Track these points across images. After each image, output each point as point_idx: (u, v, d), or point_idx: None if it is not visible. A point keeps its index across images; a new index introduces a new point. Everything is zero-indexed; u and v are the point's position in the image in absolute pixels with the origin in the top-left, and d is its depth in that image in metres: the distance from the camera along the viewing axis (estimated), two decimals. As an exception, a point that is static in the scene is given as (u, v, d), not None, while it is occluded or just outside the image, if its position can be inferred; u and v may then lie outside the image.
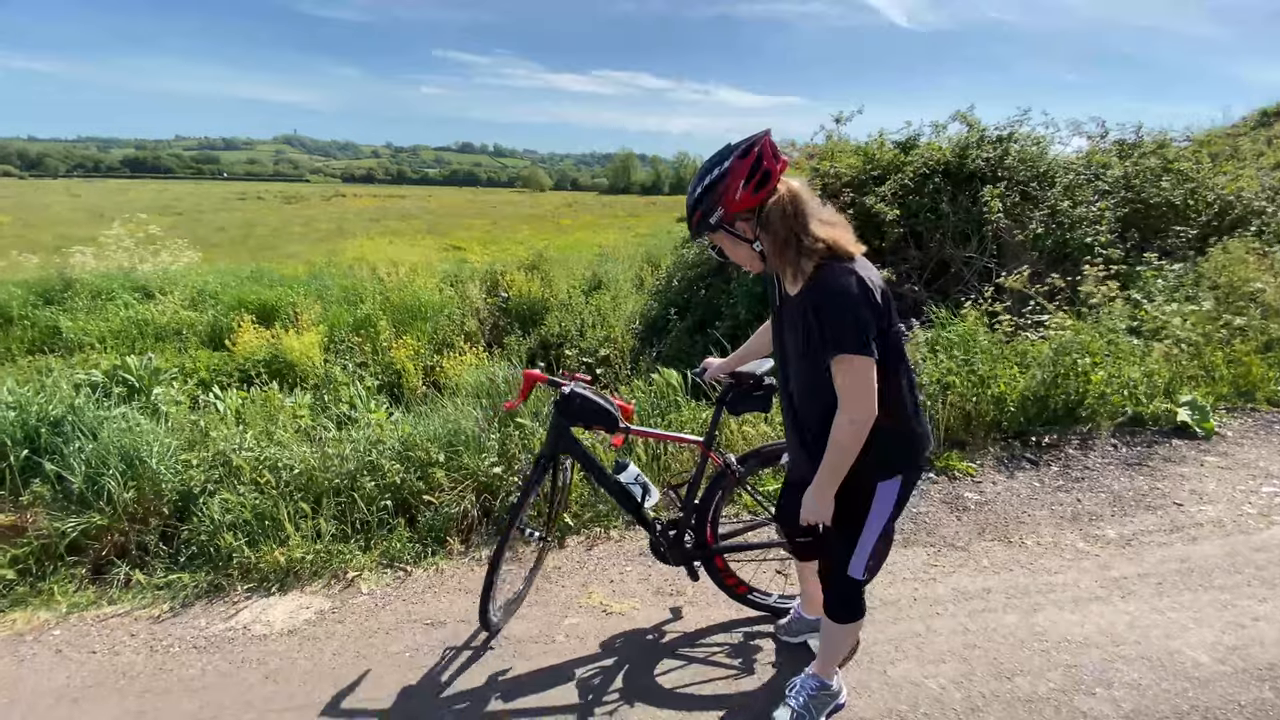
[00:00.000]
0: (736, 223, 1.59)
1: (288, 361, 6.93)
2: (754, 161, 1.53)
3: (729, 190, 1.54)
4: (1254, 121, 12.73)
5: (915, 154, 7.10)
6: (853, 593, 1.85)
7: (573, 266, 10.97)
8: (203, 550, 2.91)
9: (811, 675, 2.01)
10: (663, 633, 2.46)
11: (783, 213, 1.54)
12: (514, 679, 2.23)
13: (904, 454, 1.68)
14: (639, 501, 2.25)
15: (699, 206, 1.60)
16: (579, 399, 2.17)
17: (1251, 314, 5.21)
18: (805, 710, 1.96)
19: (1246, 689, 2.09)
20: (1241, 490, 3.52)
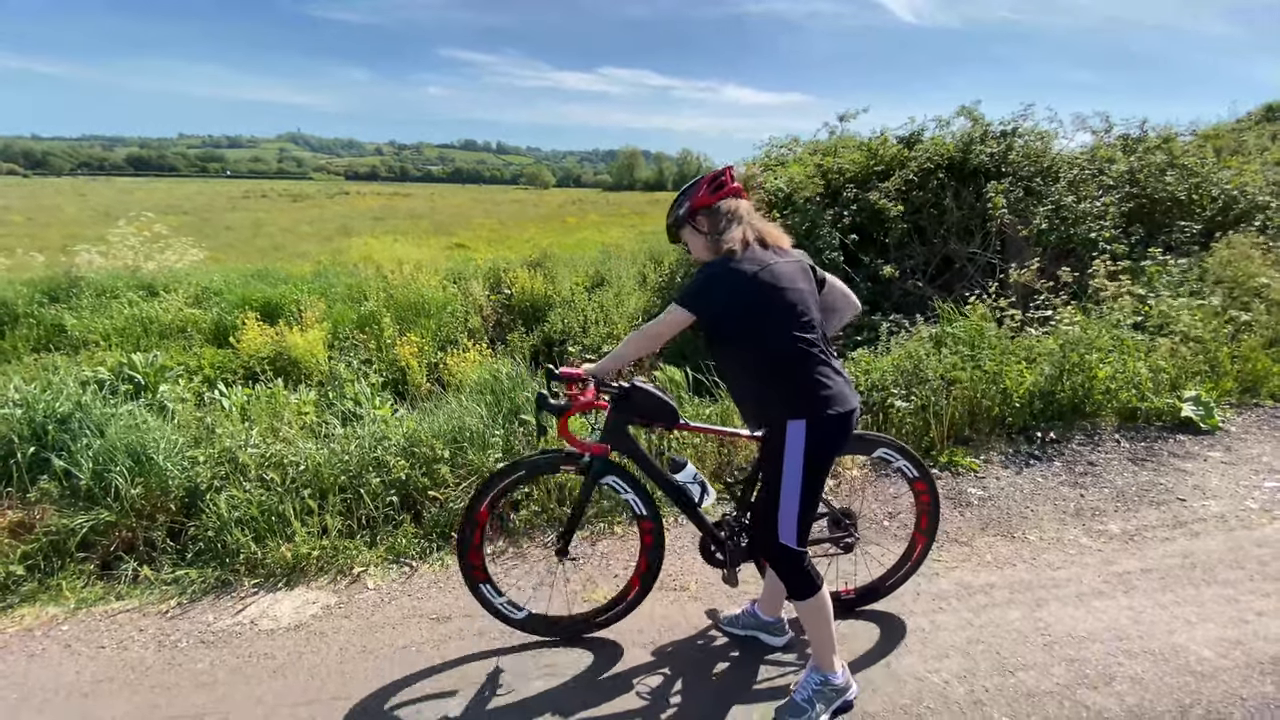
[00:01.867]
0: (698, 216, 2.01)
1: (292, 359, 6.96)
2: (715, 175, 2.03)
3: (696, 191, 2.03)
4: (1259, 116, 12.66)
5: (919, 149, 7.08)
6: (794, 562, 1.95)
7: (576, 264, 10.97)
8: (210, 546, 2.93)
9: (813, 670, 2.03)
10: (669, 628, 2.47)
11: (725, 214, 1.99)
12: (520, 673, 2.25)
13: (807, 401, 1.88)
14: (696, 501, 2.24)
15: (675, 209, 2.07)
16: (641, 394, 2.14)
17: (1257, 309, 5.20)
18: (809, 704, 1.97)
19: (1249, 683, 2.10)
20: (1245, 485, 3.52)
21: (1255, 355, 4.75)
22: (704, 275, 1.90)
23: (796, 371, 1.87)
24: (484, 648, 2.36)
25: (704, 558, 2.39)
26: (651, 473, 2.23)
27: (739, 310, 1.87)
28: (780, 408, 1.89)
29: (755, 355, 1.90)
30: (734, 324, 1.89)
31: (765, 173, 7.85)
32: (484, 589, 2.28)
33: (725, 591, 2.65)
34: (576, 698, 2.13)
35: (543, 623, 2.37)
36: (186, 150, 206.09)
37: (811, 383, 1.88)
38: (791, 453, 1.87)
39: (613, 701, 2.11)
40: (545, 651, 2.35)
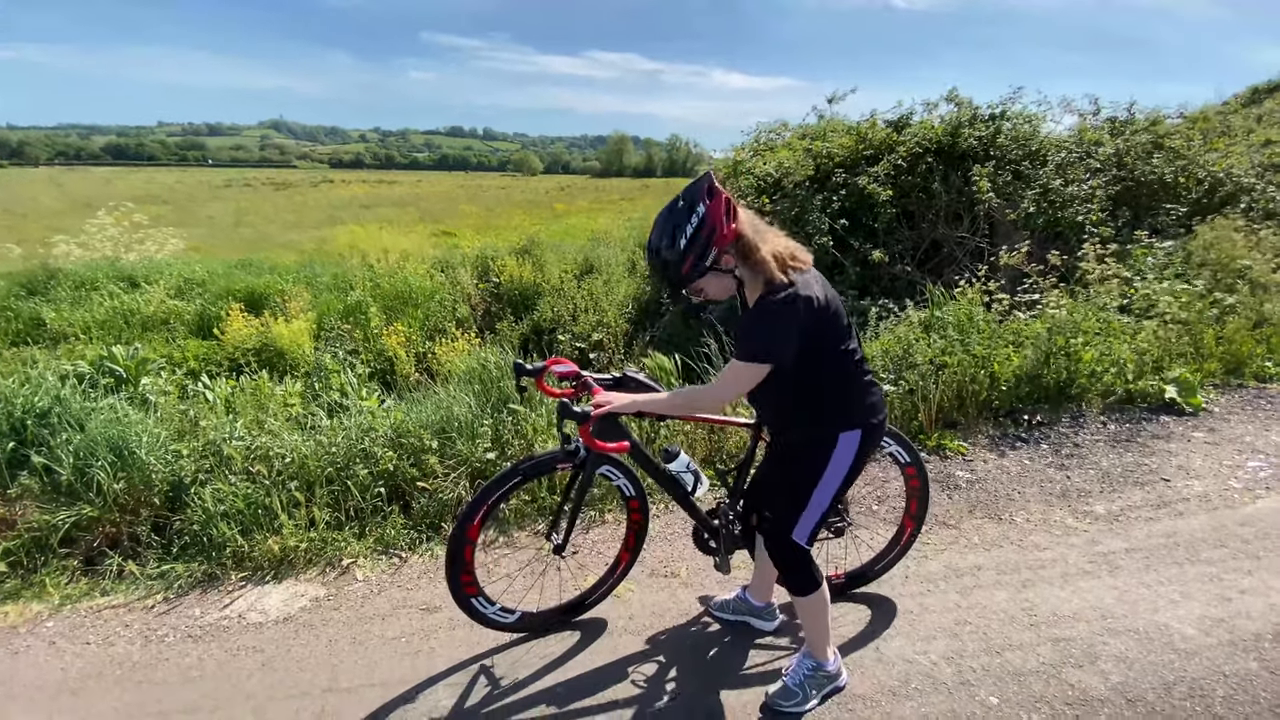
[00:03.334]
0: (723, 257, 1.72)
1: (278, 350, 6.89)
2: (724, 200, 1.69)
3: (717, 229, 1.68)
4: (1245, 99, 12.73)
5: (908, 133, 7.07)
6: (801, 560, 1.92)
7: (565, 251, 10.90)
8: (196, 540, 2.90)
9: (806, 655, 2.04)
10: (660, 615, 2.48)
11: (754, 232, 1.73)
12: (511, 663, 2.24)
13: (866, 409, 1.85)
14: (689, 490, 2.23)
15: (689, 253, 1.70)
16: (633, 384, 2.12)
17: (1241, 291, 5.24)
18: (799, 689, 1.98)
19: (1232, 660, 2.13)
20: (1228, 465, 3.56)
21: (1240, 337, 4.80)
22: (770, 320, 1.68)
23: (850, 385, 1.83)
24: (475, 637, 2.35)
25: (697, 545, 2.39)
26: (645, 463, 2.21)
27: (801, 342, 1.71)
28: (834, 420, 1.84)
29: (811, 376, 1.78)
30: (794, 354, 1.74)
31: (754, 158, 7.81)
32: (475, 602, 2.21)
33: (716, 578, 2.66)
34: (570, 685, 2.13)
35: (536, 620, 2.36)
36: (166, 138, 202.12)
37: (861, 393, 1.85)
38: (839, 462, 1.84)
39: (606, 689, 2.11)
40: (537, 641, 2.34)
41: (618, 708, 2.03)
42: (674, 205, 1.73)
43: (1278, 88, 12.29)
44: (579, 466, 2.15)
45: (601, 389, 2.01)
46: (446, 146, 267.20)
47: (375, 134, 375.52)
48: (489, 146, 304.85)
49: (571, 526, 2.27)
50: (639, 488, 2.31)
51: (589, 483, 2.19)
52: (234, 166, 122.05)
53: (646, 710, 2.01)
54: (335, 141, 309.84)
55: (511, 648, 2.31)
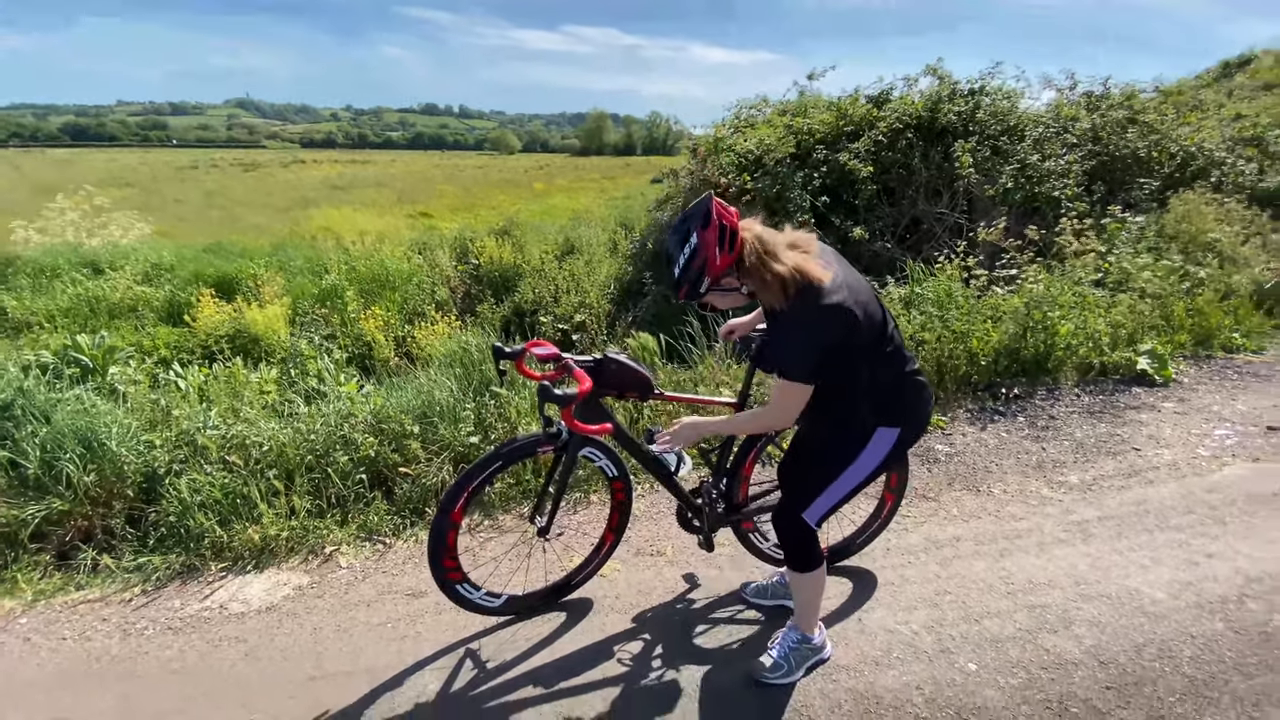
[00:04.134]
0: (722, 280, 1.73)
1: (252, 336, 6.75)
2: (718, 228, 1.66)
3: (709, 261, 1.68)
4: (1216, 73, 12.87)
5: (888, 109, 7.04)
6: (805, 537, 1.92)
7: (545, 232, 10.77)
8: (172, 531, 2.85)
9: (792, 628, 2.07)
10: (646, 593, 2.49)
11: (757, 256, 1.68)
12: (498, 645, 2.25)
13: (906, 409, 1.83)
14: (672, 470, 2.22)
15: (683, 282, 1.74)
16: (615, 364, 2.08)
17: (1210, 264, 5.35)
18: (785, 661, 2.01)
19: (1199, 622, 2.20)
20: (1195, 434, 3.66)
21: (1209, 309, 4.90)
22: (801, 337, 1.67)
23: (890, 384, 1.79)
24: (461, 621, 2.35)
25: (681, 525, 2.40)
26: (628, 445, 2.20)
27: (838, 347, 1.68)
28: (874, 416, 1.81)
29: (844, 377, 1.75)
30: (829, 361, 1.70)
31: (735, 135, 7.74)
32: (460, 589, 2.20)
33: (701, 556, 2.68)
34: (557, 666, 2.14)
35: (522, 602, 2.36)
36: (127, 118, 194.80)
37: (903, 392, 1.82)
38: (871, 454, 1.83)
39: (594, 668, 2.12)
40: (524, 622, 2.35)
41: (606, 686, 2.05)
42: (676, 228, 1.74)
43: (1247, 62, 12.44)
44: (561, 449, 2.13)
45: (583, 370, 1.99)
46: (421, 125, 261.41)
47: (347, 112, 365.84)
48: (465, 125, 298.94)
49: (555, 509, 2.26)
50: (622, 468, 2.30)
51: (571, 465, 2.18)
52: (200, 147, 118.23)
53: (634, 689, 2.03)
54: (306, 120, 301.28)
55: (498, 630, 2.31)
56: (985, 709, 1.90)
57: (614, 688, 2.04)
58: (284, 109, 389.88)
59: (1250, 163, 6.69)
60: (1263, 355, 4.65)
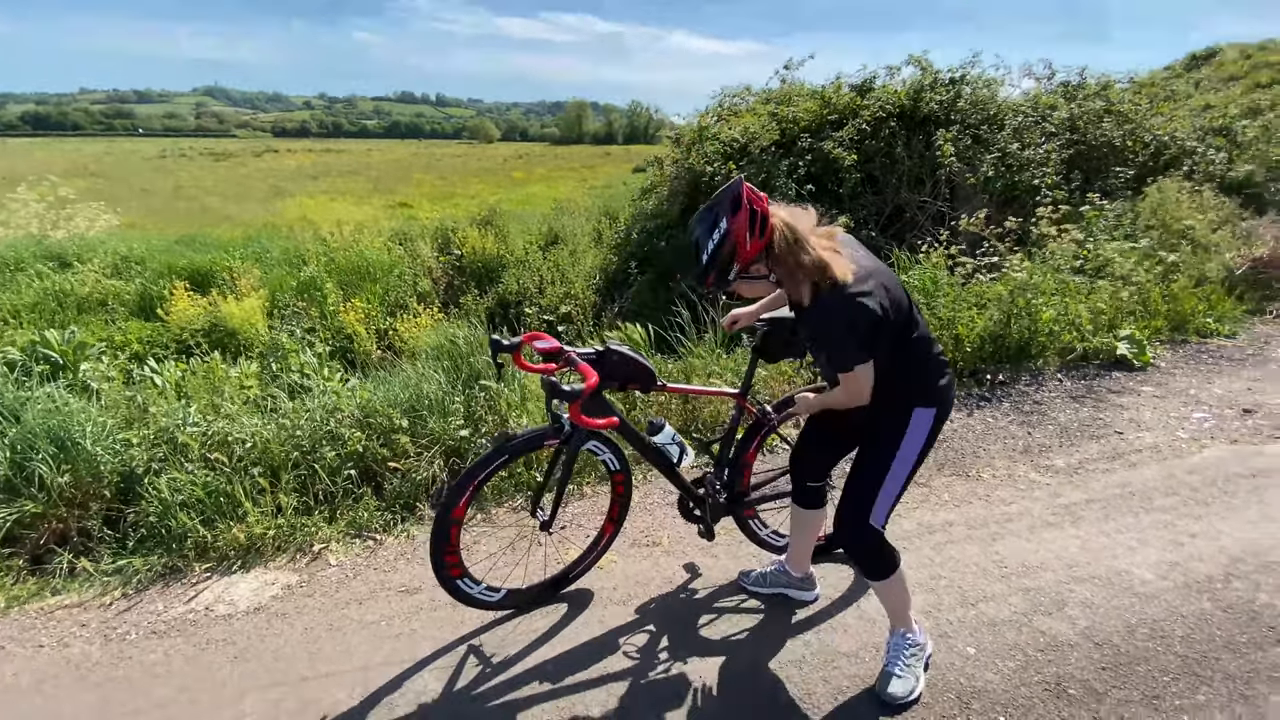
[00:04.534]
0: (751, 267, 1.72)
1: (228, 330, 6.58)
2: (749, 213, 1.64)
3: (738, 246, 1.66)
4: (1185, 64, 13.13)
5: (871, 97, 7.06)
6: (877, 542, 1.88)
7: (528, 221, 10.65)
8: (153, 532, 2.76)
9: (895, 634, 1.98)
10: (645, 584, 2.48)
11: (786, 244, 1.67)
12: (499, 641, 2.22)
13: (938, 388, 1.83)
14: (675, 461, 2.19)
15: (711, 269, 1.70)
16: (617, 356, 2.04)
17: (1184, 250, 5.46)
18: (907, 672, 1.93)
19: (1188, 601, 2.25)
20: (1175, 417, 3.74)
21: (1183, 295, 5.01)
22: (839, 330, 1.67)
23: (921, 367, 1.80)
24: (459, 617, 2.32)
25: (682, 515, 2.39)
26: (631, 437, 2.17)
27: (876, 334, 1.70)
28: (909, 397, 1.81)
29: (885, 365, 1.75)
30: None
31: (719, 123, 7.70)
32: (460, 584, 2.18)
33: (699, 545, 2.67)
34: (560, 661, 2.12)
35: (522, 596, 2.34)
36: (90, 106, 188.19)
37: (934, 373, 1.82)
38: (913, 438, 1.81)
39: (598, 662, 2.10)
40: (523, 617, 2.32)
41: (611, 681, 2.03)
42: (703, 213, 1.70)
43: (1213, 54, 12.69)
44: (564, 442, 2.10)
45: (587, 364, 1.95)
46: (397, 113, 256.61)
47: (321, 101, 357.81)
48: (442, 113, 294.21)
49: (559, 503, 2.23)
50: (623, 461, 2.28)
51: (574, 458, 2.15)
52: (167, 136, 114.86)
53: (640, 682, 2.02)
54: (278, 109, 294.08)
55: (497, 626, 2.28)
56: (985, 692, 1.92)
57: (620, 683, 2.02)
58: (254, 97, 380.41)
59: (1220, 152, 6.83)
60: (1235, 340, 4.77)
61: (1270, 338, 4.79)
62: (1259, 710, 1.82)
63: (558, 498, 2.23)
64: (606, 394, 2.17)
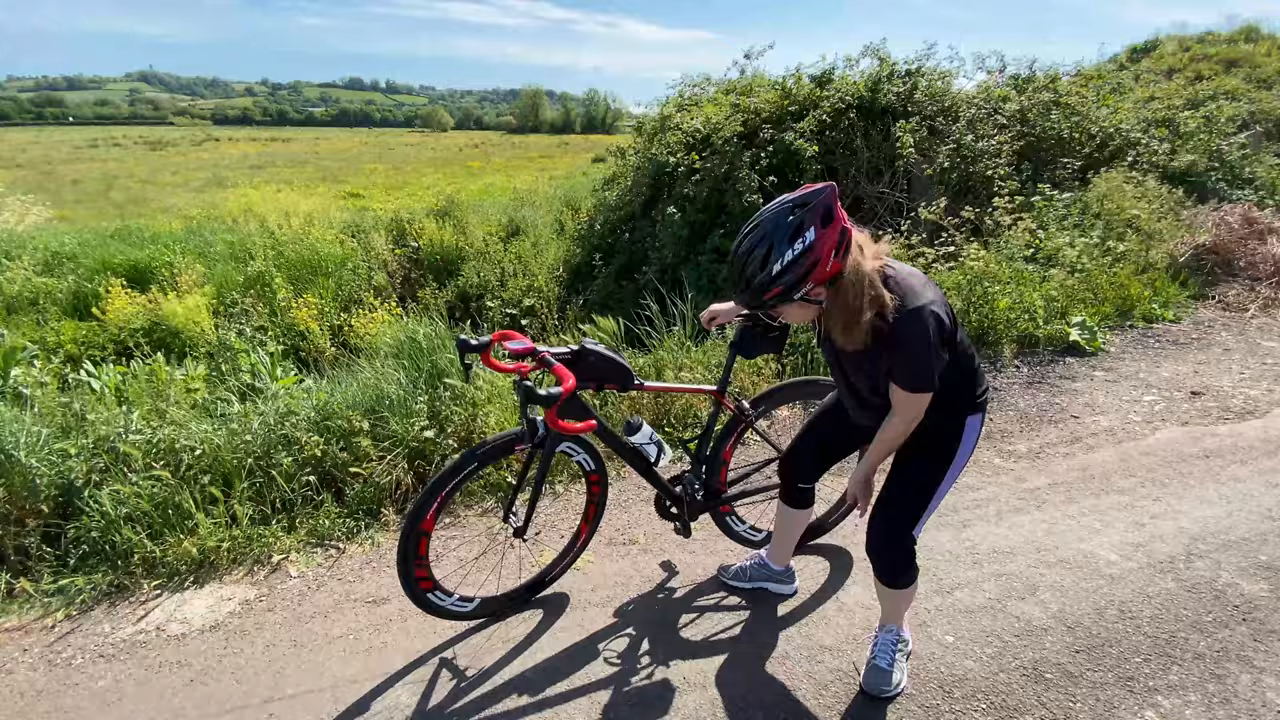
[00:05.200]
0: (815, 290, 1.53)
1: (171, 329, 6.25)
2: (840, 231, 1.47)
3: (820, 264, 1.47)
4: (1125, 58, 13.65)
5: (831, 88, 7.10)
6: (910, 556, 1.84)
7: (487, 212, 10.41)
8: (96, 549, 2.58)
9: (888, 630, 1.97)
10: (624, 584, 2.43)
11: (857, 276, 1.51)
12: (474, 651, 2.14)
13: (981, 393, 1.78)
14: (652, 461, 2.13)
15: (777, 282, 1.49)
16: (593, 356, 1.97)
17: (1130, 239, 5.67)
18: (894, 668, 1.93)
19: (1153, 581, 2.33)
20: (1127, 400, 3.88)
21: (1130, 282, 5.20)
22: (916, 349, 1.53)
23: (972, 372, 1.75)
24: (431, 627, 2.23)
25: (659, 513, 2.35)
26: (608, 439, 2.11)
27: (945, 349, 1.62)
28: (961, 405, 1.74)
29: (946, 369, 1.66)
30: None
31: (680, 113, 7.65)
32: (432, 597, 2.09)
33: (676, 541, 2.64)
34: (540, 669, 2.05)
35: (497, 603, 2.26)
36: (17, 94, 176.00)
37: (980, 375, 1.77)
38: (965, 447, 1.76)
39: (579, 670, 2.05)
40: (500, 624, 2.24)
41: (594, 690, 1.97)
42: (780, 214, 1.49)
43: (1154, 47, 13.24)
44: (538, 446, 2.03)
45: (561, 364, 1.88)
46: (346, 100, 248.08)
47: (264, 87, 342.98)
48: (393, 100, 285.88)
49: (533, 509, 2.15)
50: (598, 461, 2.22)
51: (550, 462, 2.08)
52: (100, 124, 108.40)
53: (623, 689, 1.97)
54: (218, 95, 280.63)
55: (472, 635, 2.20)
56: (966, 680, 1.95)
57: (603, 690, 1.97)
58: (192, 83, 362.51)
59: (1163, 143, 7.11)
60: (1180, 324, 4.98)
61: (1213, 322, 5.02)
62: (1231, 688, 1.89)
63: (532, 504, 2.15)
64: (583, 395, 2.11)
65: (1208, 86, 9.87)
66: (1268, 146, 8.07)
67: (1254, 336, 4.77)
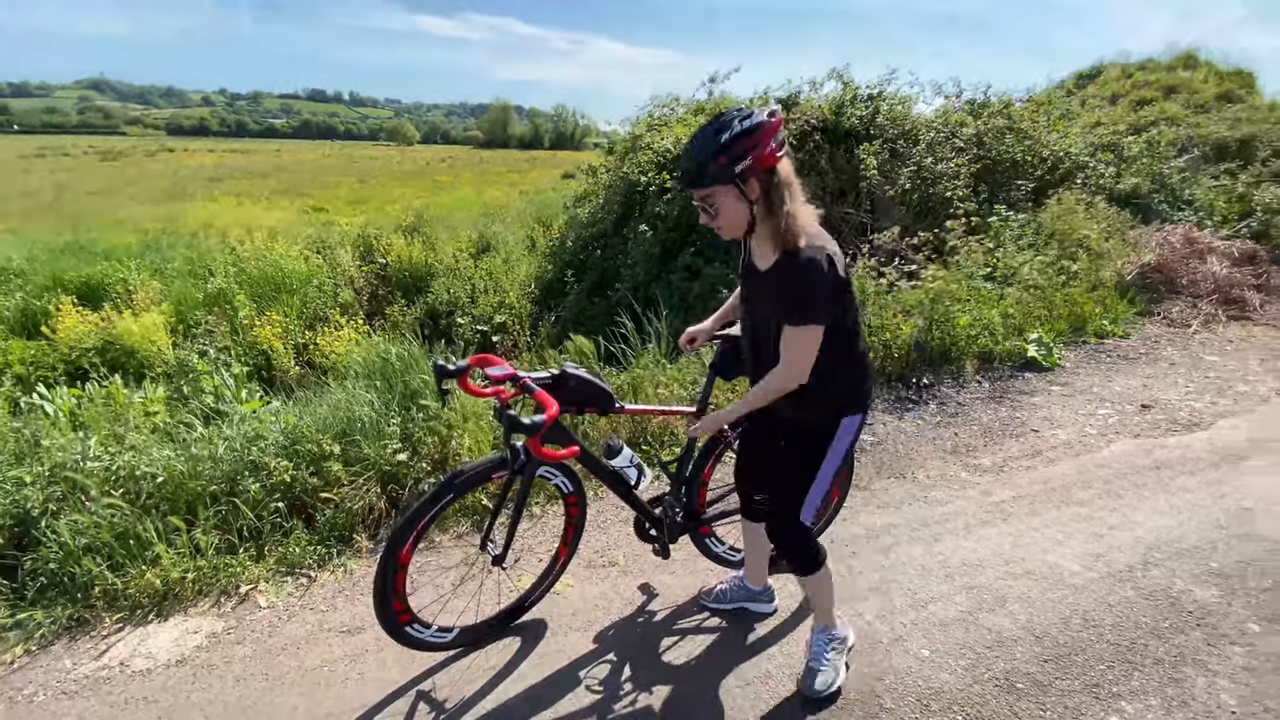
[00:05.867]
0: (751, 179, 1.60)
1: (126, 348, 6.02)
2: (780, 126, 1.60)
3: (763, 142, 1.57)
4: (1072, 84, 14.35)
5: (796, 111, 7.29)
6: (806, 539, 1.93)
7: (457, 228, 10.34)
8: (54, 581, 2.47)
9: (820, 630, 2.06)
10: (604, 607, 2.43)
11: (784, 186, 1.63)
12: (454, 681, 2.11)
13: (864, 392, 1.86)
14: (633, 484, 2.14)
15: (725, 151, 1.57)
16: (574, 380, 1.97)
17: (1082, 259, 5.94)
18: (829, 667, 2.01)
19: (1113, 590, 2.43)
20: (1083, 414, 4.04)
21: (1081, 299, 5.44)
22: (808, 277, 1.61)
23: (856, 368, 1.81)
24: (408, 657, 2.18)
25: (638, 535, 2.36)
26: (589, 463, 2.11)
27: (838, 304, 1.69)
28: (839, 403, 1.82)
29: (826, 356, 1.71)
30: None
31: (650, 133, 7.75)
32: (410, 630, 2.06)
33: (655, 563, 2.65)
34: (522, 698, 2.03)
35: (475, 632, 2.23)
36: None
37: (864, 376, 1.84)
38: (840, 444, 1.85)
39: (562, 698, 2.03)
40: (480, 652, 2.21)
41: (571, 711, 1.96)
42: (729, 111, 1.62)
43: (1098, 73, 13.95)
44: (516, 473, 2.01)
45: (542, 389, 1.88)
46: (308, 112, 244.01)
47: (222, 96, 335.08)
48: (357, 113, 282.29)
49: (512, 535, 2.13)
50: (577, 483, 2.23)
51: (528, 488, 2.08)
52: (48, 133, 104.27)
53: (606, 716, 1.96)
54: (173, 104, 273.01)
55: (451, 665, 2.16)
56: (942, 692, 2.00)
57: (581, 712, 1.96)
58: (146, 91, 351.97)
59: (1109, 166, 7.49)
60: (1129, 340, 5.22)
61: (1159, 337, 5.28)
62: (1188, 691, 1.98)
63: (511, 530, 2.13)
64: (565, 421, 2.11)
65: (1149, 112, 10.44)
66: (1205, 169, 8.57)
67: (1197, 351, 5.03)
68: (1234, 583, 2.45)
